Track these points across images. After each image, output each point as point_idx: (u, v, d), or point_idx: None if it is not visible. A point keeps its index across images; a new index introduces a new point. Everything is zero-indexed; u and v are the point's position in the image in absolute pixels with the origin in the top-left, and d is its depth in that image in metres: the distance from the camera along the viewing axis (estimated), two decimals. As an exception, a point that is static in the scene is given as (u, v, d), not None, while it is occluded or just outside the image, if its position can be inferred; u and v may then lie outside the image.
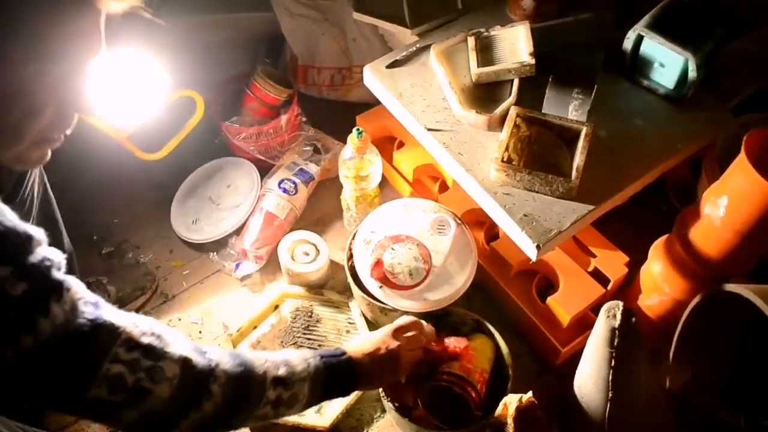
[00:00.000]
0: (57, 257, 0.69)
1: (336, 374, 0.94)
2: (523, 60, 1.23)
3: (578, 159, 1.12)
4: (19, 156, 0.68)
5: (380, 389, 1.16)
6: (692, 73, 1.17)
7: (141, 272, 1.43)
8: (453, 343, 1.17)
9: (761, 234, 1.00)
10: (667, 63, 1.21)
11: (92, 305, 0.72)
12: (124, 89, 1.27)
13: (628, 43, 1.23)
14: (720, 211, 1.03)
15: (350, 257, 1.31)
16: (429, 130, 1.22)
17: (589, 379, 1.10)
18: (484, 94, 1.26)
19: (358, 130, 1.26)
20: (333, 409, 1.23)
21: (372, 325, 1.32)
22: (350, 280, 1.29)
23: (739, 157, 0.98)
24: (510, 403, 1.03)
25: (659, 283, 1.19)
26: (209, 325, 1.37)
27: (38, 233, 0.68)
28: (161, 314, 1.39)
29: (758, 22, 1.35)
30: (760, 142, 0.99)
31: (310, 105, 1.68)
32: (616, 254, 1.30)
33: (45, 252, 0.67)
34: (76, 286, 0.70)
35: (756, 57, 1.37)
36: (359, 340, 1.05)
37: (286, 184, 1.46)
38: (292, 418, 1.21)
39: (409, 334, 1.07)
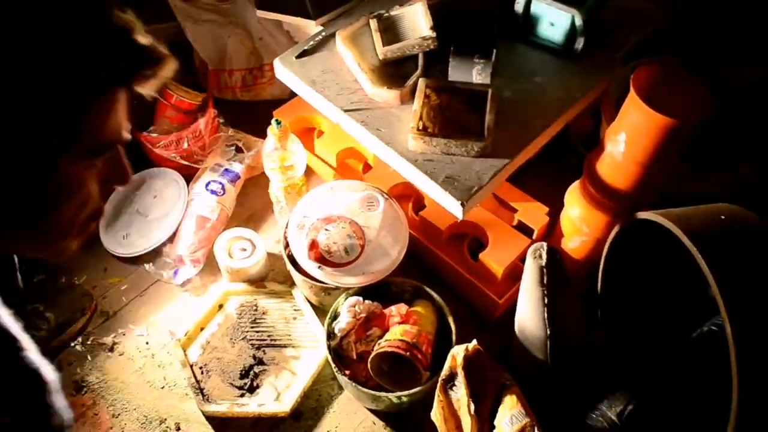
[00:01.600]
0: None
1: None
2: (425, 34, 1.29)
3: (487, 119, 1.19)
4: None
5: (335, 369, 1.19)
6: (580, 28, 1.26)
7: (77, 294, 1.41)
8: (395, 311, 1.22)
9: (660, 161, 1.09)
10: (556, 21, 1.29)
11: None
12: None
13: (518, 7, 1.32)
14: (620, 146, 1.11)
15: (286, 245, 1.34)
16: (346, 111, 1.27)
17: (527, 321, 1.17)
18: (393, 71, 1.32)
19: (276, 120, 1.29)
20: (291, 394, 1.26)
21: (317, 309, 1.36)
22: (290, 267, 1.32)
23: (630, 95, 1.07)
24: (457, 354, 1.08)
25: (578, 225, 1.27)
26: (156, 335, 1.37)
27: None
28: (104, 332, 1.37)
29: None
30: (646, 79, 1.08)
31: (226, 108, 1.69)
32: (537, 206, 1.38)
33: None
34: None
35: (637, 10, 1.49)
36: None
37: (213, 186, 1.47)
38: (253, 409, 1.23)
39: None
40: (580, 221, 1.27)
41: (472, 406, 1.04)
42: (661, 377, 1.24)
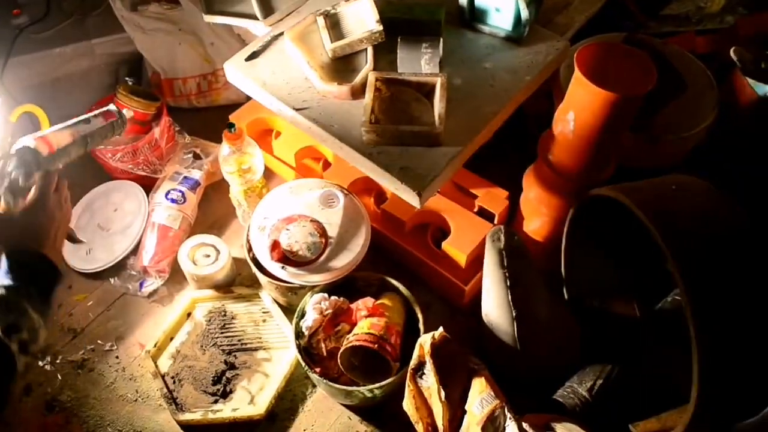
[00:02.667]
0: None
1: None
2: (372, 28, 1.29)
3: (438, 107, 1.19)
4: None
5: (306, 367, 1.19)
6: (524, 12, 1.27)
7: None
8: (361, 305, 1.22)
9: (608, 137, 1.11)
10: (502, 7, 1.30)
11: None
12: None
13: (464, -6, 1.32)
14: (570, 125, 1.13)
15: (250, 248, 1.33)
16: (298, 110, 1.27)
17: (493, 305, 1.18)
18: (343, 67, 1.32)
19: (229, 124, 1.29)
20: (265, 396, 1.26)
21: (286, 309, 1.36)
22: (254, 269, 1.32)
23: (575, 74, 1.08)
24: (424, 342, 1.09)
25: (537, 206, 1.29)
26: (125, 348, 1.36)
27: None
28: (73, 350, 1.36)
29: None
30: (590, 57, 1.09)
31: (182, 116, 1.68)
32: (496, 191, 1.39)
33: None
34: None
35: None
36: None
37: (173, 195, 1.46)
38: (228, 413, 1.23)
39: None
40: (538, 202, 1.28)
41: (443, 393, 1.05)
42: (629, 350, 1.26)
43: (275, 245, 1.24)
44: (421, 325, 1.21)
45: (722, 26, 1.57)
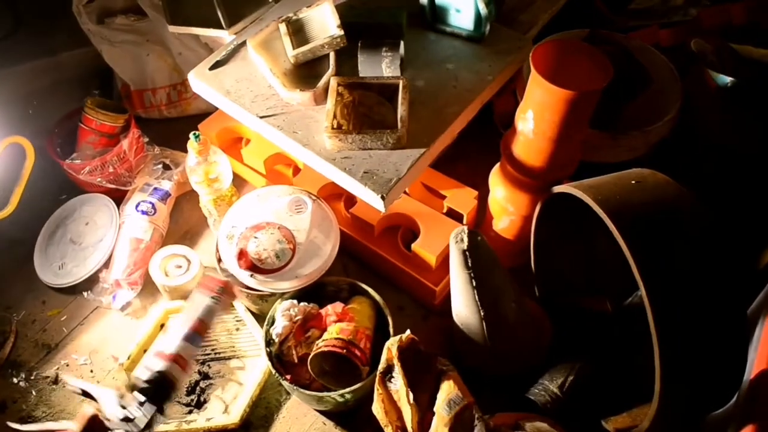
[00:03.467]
0: None
1: None
2: (333, 33, 1.29)
3: (400, 110, 1.19)
4: None
5: (277, 375, 1.19)
6: (483, 11, 1.27)
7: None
8: (331, 310, 1.22)
9: (568, 134, 1.11)
10: (461, 7, 1.31)
11: None
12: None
13: (423, -3, 1.33)
14: (530, 124, 1.13)
15: (220, 258, 1.33)
16: (262, 117, 1.27)
17: (462, 305, 1.18)
18: (306, 73, 1.32)
19: (194, 134, 1.28)
20: (239, 405, 1.26)
21: (258, 317, 1.36)
22: (224, 278, 1.32)
23: (531, 73, 1.08)
24: (392, 346, 1.09)
25: (504, 205, 1.29)
26: (99, 362, 1.36)
27: None
28: (47, 366, 1.36)
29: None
30: (547, 56, 1.09)
31: (153, 127, 1.68)
32: (465, 191, 1.39)
33: None
34: None
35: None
36: None
37: (143, 206, 1.46)
38: (201, 424, 1.23)
39: None
40: (505, 201, 1.28)
41: (411, 395, 1.05)
42: (600, 346, 1.26)
43: (242, 254, 1.24)
44: (391, 328, 1.21)
45: (686, 18, 1.58)
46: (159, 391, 0.96)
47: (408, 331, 1.11)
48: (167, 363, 0.98)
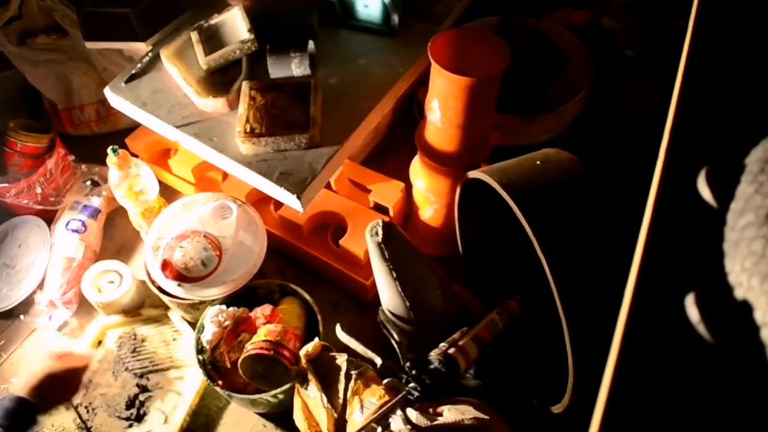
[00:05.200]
0: None
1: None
2: (244, 37, 1.30)
3: (312, 110, 1.20)
4: None
5: (209, 382, 1.20)
6: (391, 4, 1.29)
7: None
8: (259, 312, 1.23)
9: (474, 119, 1.12)
10: (369, 2, 1.32)
11: None
12: None
13: (331, -5, 1.34)
14: (437, 113, 1.14)
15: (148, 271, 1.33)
16: (178, 127, 1.27)
17: (387, 298, 1.19)
18: (220, 79, 1.32)
19: (112, 149, 1.29)
20: (179, 414, 1.26)
21: (195, 326, 1.36)
22: (155, 290, 1.32)
23: (432, 63, 1.10)
24: (303, 354, 1.11)
25: (426, 195, 1.31)
26: (38, 384, 1.36)
27: None
28: (-14, 392, 1.36)
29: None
30: (445, 45, 1.11)
31: (84, 145, 1.67)
32: (391, 184, 1.41)
33: None
34: None
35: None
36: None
37: (73, 225, 1.46)
38: (140, 437, 1.24)
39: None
40: (426, 191, 1.30)
41: (325, 399, 1.06)
42: (527, 330, 1.28)
43: (166, 264, 1.24)
44: (320, 326, 1.22)
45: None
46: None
47: (316, 339, 1.13)
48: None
